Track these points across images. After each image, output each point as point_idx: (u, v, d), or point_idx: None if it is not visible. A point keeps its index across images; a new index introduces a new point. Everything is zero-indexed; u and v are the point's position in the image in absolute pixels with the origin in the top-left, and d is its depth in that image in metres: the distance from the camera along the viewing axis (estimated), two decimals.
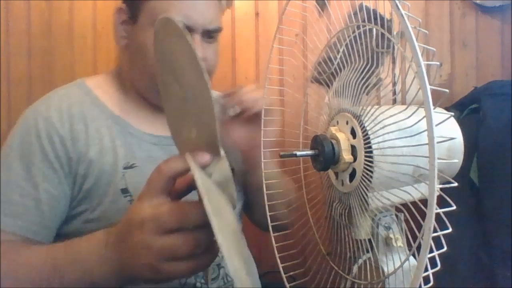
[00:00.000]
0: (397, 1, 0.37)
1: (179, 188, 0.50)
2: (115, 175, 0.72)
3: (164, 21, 0.43)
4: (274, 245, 0.77)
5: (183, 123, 0.50)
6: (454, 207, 0.35)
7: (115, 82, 0.81)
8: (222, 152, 0.47)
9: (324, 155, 0.52)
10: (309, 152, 0.54)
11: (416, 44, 0.34)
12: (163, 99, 0.52)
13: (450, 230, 0.35)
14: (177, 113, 0.51)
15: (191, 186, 0.51)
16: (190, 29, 0.72)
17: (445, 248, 0.35)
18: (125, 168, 0.73)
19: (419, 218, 0.41)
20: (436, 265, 0.36)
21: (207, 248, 0.46)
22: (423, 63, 0.34)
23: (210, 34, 0.75)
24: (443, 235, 0.36)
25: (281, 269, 0.75)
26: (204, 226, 0.44)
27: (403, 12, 0.36)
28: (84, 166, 0.71)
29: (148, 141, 0.77)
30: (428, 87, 0.34)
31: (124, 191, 0.72)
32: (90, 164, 0.71)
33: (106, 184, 0.71)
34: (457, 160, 0.56)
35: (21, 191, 0.68)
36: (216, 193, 0.45)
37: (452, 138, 0.51)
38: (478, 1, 1.24)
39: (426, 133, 0.36)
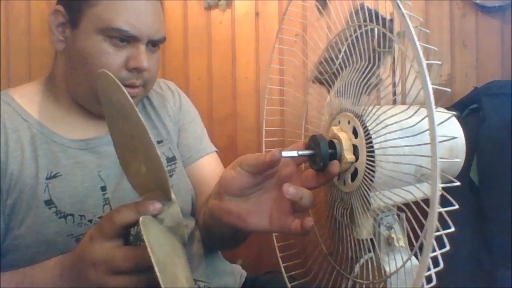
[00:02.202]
0: (398, 1, 0.37)
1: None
2: (37, 187, 0.69)
3: (103, 74, 0.46)
4: (276, 244, 0.77)
5: (133, 157, 0.51)
6: (457, 207, 0.35)
7: (44, 89, 0.78)
8: (173, 196, 0.50)
9: (321, 155, 0.51)
10: (293, 153, 0.53)
11: (417, 43, 0.34)
12: (111, 130, 0.53)
13: (452, 229, 0.35)
14: (125, 147, 0.52)
15: None
16: (136, 39, 0.70)
17: (448, 248, 0.35)
18: (48, 178, 0.70)
19: (421, 217, 0.41)
20: (438, 264, 0.36)
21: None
22: (424, 62, 0.34)
23: (154, 44, 0.74)
24: (445, 234, 0.36)
25: (282, 268, 0.75)
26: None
27: (404, 11, 0.36)
28: (6, 181, 0.68)
29: (75, 147, 0.73)
30: (430, 86, 0.34)
31: (48, 202, 0.69)
32: (12, 178, 0.68)
33: (29, 197, 0.68)
34: (459, 159, 0.56)
35: None
36: (167, 247, 0.47)
37: (453, 137, 0.51)
38: (478, 1, 1.24)
39: (428, 132, 0.36)
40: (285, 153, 0.52)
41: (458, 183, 0.37)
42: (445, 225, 0.36)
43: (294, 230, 0.50)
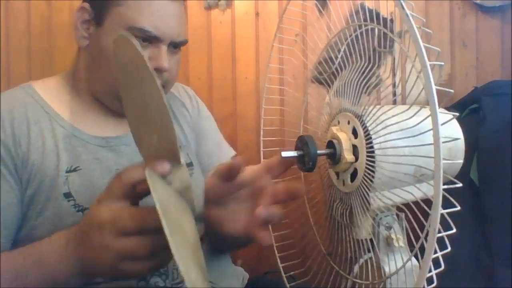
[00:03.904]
0: (401, 1, 0.37)
1: (140, 190, 0.50)
2: (57, 179, 0.69)
3: (122, 38, 0.45)
4: (274, 244, 0.77)
5: (145, 129, 0.51)
6: (459, 208, 0.35)
7: (66, 84, 0.79)
8: (182, 160, 0.50)
9: (310, 156, 0.51)
10: (293, 153, 0.53)
11: (421, 44, 0.34)
12: (125, 104, 0.53)
13: (454, 230, 0.34)
14: (138, 119, 0.52)
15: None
16: (158, 40, 0.71)
17: (449, 249, 0.35)
18: (68, 171, 0.71)
19: (421, 217, 0.41)
20: (439, 266, 0.35)
21: (164, 248, 0.48)
22: (428, 63, 0.34)
23: (176, 46, 0.75)
24: (446, 235, 0.35)
25: (281, 269, 0.75)
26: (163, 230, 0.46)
27: (408, 12, 0.36)
28: (27, 171, 0.69)
29: (95, 143, 0.75)
30: (434, 87, 0.33)
31: (67, 195, 0.69)
32: (32, 168, 0.69)
33: (49, 188, 0.69)
34: (459, 159, 0.56)
35: None
36: (175, 205, 0.47)
37: (456, 139, 0.51)
38: (478, 1, 1.24)
39: (428, 133, 0.36)
40: (284, 154, 0.52)
41: (460, 184, 0.37)
42: (445, 226, 0.36)
43: (260, 241, 0.53)
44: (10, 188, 0.68)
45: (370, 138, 0.51)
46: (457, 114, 0.39)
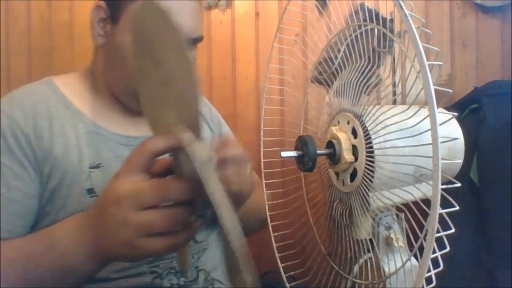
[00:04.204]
0: (400, 1, 0.37)
1: (156, 171, 0.49)
2: (80, 174, 0.70)
3: (147, 5, 0.42)
4: (274, 245, 0.77)
5: (162, 109, 0.49)
6: (457, 208, 0.35)
7: (86, 81, 0.80)
8: (203, 134, 0.46)
9: (309, 156, 0.51)
10: (293, 153, 0.53)
11: (420, 44, 0.34)
12: (140, 86, 0.51)
13: (453, 230, 0.35)
14: (154, 99, 0.50)
15: (169, 170, 0.50)
16: None
17: (448, 249, 0.35)
18: (91, 167, 0.71)
19: (420, 217, 0.41)
20: (438, 265, 0.35)
21: (185, 226, 0.46)
22: (427, 63, 0.34)
23: (192, 42, 0.75)
24: (445, 235, 0.35)
25: (281, 269, 0.75)
26: (184, 203, 0.44)
27: (407, 12, 0.36)
28: (48, 165, 0.69)
29: (116, 141, 0.75)
30: (432, 87, 0.34)
31: (90, 191, 0.70)
32: (55, 162, 0.69)
33: (71, 184, 0.69)
34: (459, 159, 0.56)
35: None
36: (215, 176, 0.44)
37: (455, 139, 0.51)
38: (478, 1, 1.24)
39: (427, 133, 0.36)
40: (284, 154, 0.52)
41: (458, 184, 0.37)
42: (445, 226, 0.36)
43: None
44: (31, 180, 0.68)
45: (370, 138, 0.51)
46: (456, 114, 0.39)
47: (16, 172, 0.67)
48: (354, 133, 0.53)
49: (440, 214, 0.35)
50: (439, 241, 0.36)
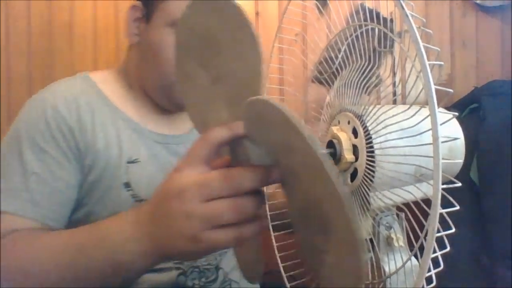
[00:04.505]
0: (401, 1, 0.37)
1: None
2: (119, 168, 0.72)
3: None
4: (275, 244, 0.77)
5: (211, 108, 0.47)
6: (458, 207, 0.35)
7: (121, 79, 0.82)
8: None
9: None
10: None
11: (421, 44, 0.34)
12: (185, 92, 0.49)
13: (453, 230, 0.35)
14: (202, 100, 0.48)
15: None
16: None
17: (448, 249, 0.35)
18: (129, 162, 0.73)
19: (421, 217, 0.41)
20: (438, 265, 0.35)
21: (252, 218, 0.43)
22: (427, 63, 0.34)
23: None
24: (446, 235, 0.35)
25: (281, 268, 0.75)
26: (253, 193, 0.41)
27: (408, 12, 0.36)
28: (90, 157, 0.70)
29: (151, 139, 0.77)
30: (433, 87, 0.34)
31: (127, 185, 0.71)
32: (97, 155, 0.71)
33: (110, 177, 0.71)
34: (459, 159, 0.56)
35: (37, 178, 0.67)
36: None
37: (456, 138, 0.51)
38: (478, 1, 1.24)
39: (428, 133, 0.36)
40: None
41: (459, 184, 0.37)
42: (445, 225, 0.36)
43: None
44: (74, 171, 0.70)
45: (370, 138, 0.51)
46: (457, 113, 0.39)
47: (61, 162, 0.68)
48: (355, 133, 0.53)
49: (441, 214, 0.35)
50: (440, 241, 0.36)
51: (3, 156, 0.70)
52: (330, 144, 0.55)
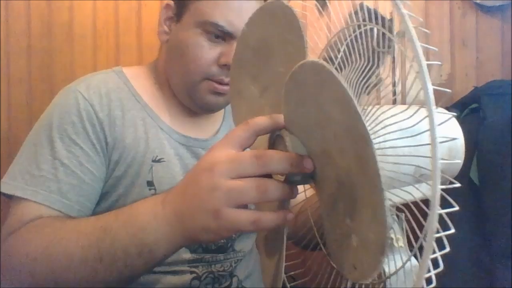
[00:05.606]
0: (398, 1, 0.37)
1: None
2: (144, 166, 0.72)
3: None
4: None
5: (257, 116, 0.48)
6: (457, 208, 0.35)
7: (152, 76, 0.83)
8: None
9: None
10: None
11: (418, 44, 0.34)
12: (234, 106, 0.51)
13: (453, 231, 0.34)
14: (250, 112, 0.49)
15: None
16: (231, 36, 0.72)
17: (448, 249, 0.35)
18: (154, 161, 0.73)
19: (420, 218, 0.41)
20: (438, 266, 0.35)
21: (276, 207, 0.44)
22: (425, 63, 0.34)
23: None
24: (445, 235, 0.35)
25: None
26: (283, 182, 0.42)
27: (404, 11, 0.36)
28: (118, 152, 0.71)
29: (177, 139, 0.78)
30: (430, 87, 0.34)
31: (150, 183, 0.72)
32: (124, 151, 0.71)
33: (135, 173, 0.72)
34: (459, 159, 0.56)
35: (66, 169, 0.68)
36: None
37: (454, 139, 0.51)
38: (478, 1, 1.24)
39: (427, 133, 0.36)
40: None
41: (458, 185, 0.37)
42: (445, 226, 0.36)
43: None
44: (101, 164, 0.71)
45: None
46: (455, 114, 0.39)
47: (89, 154, 0.69)
48: None
49: (440, 214, 0.35)
50: (440, 241, 0.36)
51: (34, 141, 0.70)
52: None
